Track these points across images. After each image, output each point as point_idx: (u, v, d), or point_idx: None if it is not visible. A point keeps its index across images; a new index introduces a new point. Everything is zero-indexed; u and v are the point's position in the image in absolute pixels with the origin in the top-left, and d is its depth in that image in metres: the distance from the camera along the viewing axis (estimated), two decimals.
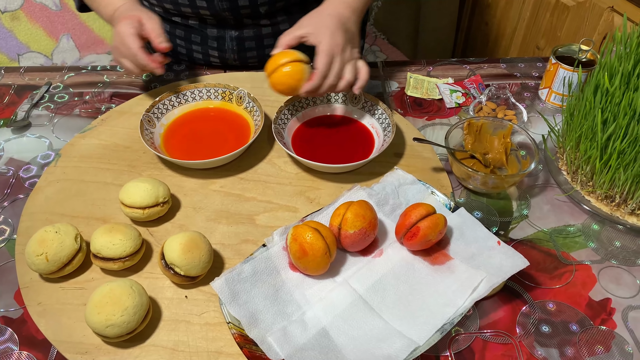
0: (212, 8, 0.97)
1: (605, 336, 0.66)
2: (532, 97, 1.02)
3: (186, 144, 0.88)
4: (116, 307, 0.61)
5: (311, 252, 0.66)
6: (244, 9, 0.97)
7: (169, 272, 0.68)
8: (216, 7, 0.96)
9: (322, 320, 0.66)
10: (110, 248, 0.68)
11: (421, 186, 0.79)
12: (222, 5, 0.96)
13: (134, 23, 0.86)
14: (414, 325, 0.65)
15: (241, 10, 0.98)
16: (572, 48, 0.97)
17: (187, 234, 0.69)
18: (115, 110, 0.97)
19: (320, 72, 0.80)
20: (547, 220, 0.80)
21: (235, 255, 0.74)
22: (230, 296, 0.65)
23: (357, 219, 0.69)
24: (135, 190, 0.74)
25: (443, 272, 0.70)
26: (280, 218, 0.79)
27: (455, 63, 1.10)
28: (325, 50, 0.80)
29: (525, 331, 0.67)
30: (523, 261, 0.68)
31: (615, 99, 0.73)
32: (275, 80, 0.81)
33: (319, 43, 0.80)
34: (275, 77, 0.81)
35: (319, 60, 0.80)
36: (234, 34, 1.03)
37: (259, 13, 1.00)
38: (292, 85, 0.81)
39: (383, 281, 0.70)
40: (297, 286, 0.69)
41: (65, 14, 1.82)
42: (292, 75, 0.80)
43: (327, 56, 0.80)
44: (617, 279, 0.73)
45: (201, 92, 0.93)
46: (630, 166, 0.72)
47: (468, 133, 0.86)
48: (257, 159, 0.88)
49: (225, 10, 0.97)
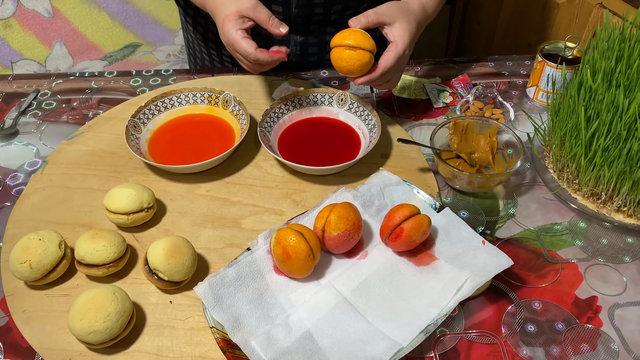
0: (286, 14, 0.98)
1: (591, 334, 0.66)
2: (520, 95, 1.02)
3: (172, 148, 0.88)
4: (98, 313, 0.61)
5: (294, 255, 0.66)
6: (316, 16, 0.99)
7: (152, 278, 0.68)
8: (291, 13, 0.97)
9: (307, 323, 0.65)
10: (94, 254, 0.68)
11: (407, 187, 0.79)
12: (298, 12, 0.97)
13: (238, 23, 0.80)
14: (398, 327, 0.64)
15: (313, 17, 0.99)
16: (559, 45, 0.97)
17: (170, 239, 0.69)
18: (102, 116, 0.97)
19: (381, 70, 0.80)
20: (534, 218, 0.80)
21: (221, 259, 0.74)
22: (214, 301, 0.65)
23: (341, 221, 0.69)
24: (119, 196, 0.74)
25: (428, 272, 0.70)
26: (265, 221, 0.79)
27: (443, 63, 1.10)
28: (397, 54, 0.79)
29: (511, 331, 0.66)
30: (507, 260, 0.67)
31: (598, 96, 0.72)
32: (336, 55, 0.79)
33: (395, 43, 0.80)
34: (336, 52, 0.79)
35: (387, 59, 0.79)
36: (298, 39, 1.04)
37: (328, 21, 1.00)
38: (348, 68, 0.79)
39: (368, 283, 0.69)
40: (282, 289, 0.69)
41: (58, 20, 1.82)
42: (352, 60, 0.78)
43: (395, 59, 0.79)
44: (604, 276, 0.72)
45: (187, 97, 0.93)
46: (614, 163, 0.72)
47: (454, 133, 0.85)
48: (244, 163, 0.87)
49: (298, 17, 0.98)
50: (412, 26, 0.81)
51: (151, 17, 1.90)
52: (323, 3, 0.97)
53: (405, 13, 0.82)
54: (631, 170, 0.70)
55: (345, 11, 1.00)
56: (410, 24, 0.81)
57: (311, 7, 0.97)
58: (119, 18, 1.87)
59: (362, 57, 0.78)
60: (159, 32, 1.93)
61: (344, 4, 0.98)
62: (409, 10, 0.83)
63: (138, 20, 1.89)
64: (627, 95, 0.69)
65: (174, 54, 1.97)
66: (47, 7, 1.79)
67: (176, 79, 1.06)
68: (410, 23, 0.81)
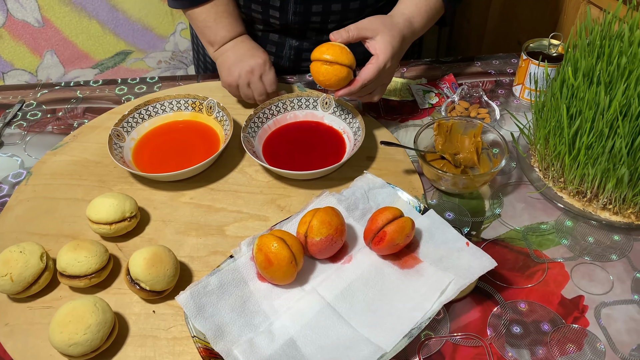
0: (283, 19, 0.98)
1: (577, 335, 0.65)
2: (507, 94, 1.01)
3: (156, 156, 0.87)
4: (79, 325, 0.61)
5: (276, 261, 0.65)
6: (313, 23, 0.99)
7: (134, 288, 0.67)
8: (289, 18, 0.98)
9: (290, 330, 0.65)
10: (75, 265, 0.68)
11: (391, 189, 0.78)
12: (295, 18, 0.97)
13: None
14: (382, 332, 0.64)
15: (311, 24, 0.99)
16: (544, 43, 0.96)
17: (151, 248, 0.68)
18: (87, 125, 0.96)
19: (361, 83, 0.80)
20: (521, 218, 0.79)
21: (204, 267, 0.73)
22: (196, 310, 0.65)
23: (323, 226, 0.68)
24: (101, 206, 0.74)
25: (412, 275, 0.70)
26: (250, 228, 0.78)
27: (429, 63, 1.10)
28: (378, 67, 0.79)
29: (496, 333, 0.66)
30: (491, 262, 0.67)
31: (579, 94, 0.72)
32: (314, 69, 0.80)
33: (377, 55, 0.79)
34: (314, 66, 0.79)
35: (367, 72, 0.79)
36: (294, 43, 1.04)
37: (326, 28, 1.00)
38: (325, 83, 0.79)
39: (352, 287, 0.69)
40: (265, 296, 0.68)
41: (48, 30, 1.82)
42: (329, 74, 0.78)
43: (375, 72, 0.79)
44: (590, 275, 0.72)
45: (171, 104, 0.93)
46: (598, 161, 0.71)
47: (438, 134, 0.85)
48: (228, 169, 0.87)
49: (296, 24, 0.98)
50: (395, 40, 0.80)
51: (141, 24, 1.90)
52: (320, 12, 0.97)
53: (389, 26, 0.81)
54: (614, 167, 0.70)
55: (344, 20, 0.99)
56: (394, 38, 0.80)
57: (308, 15, 0.97)
58: (109, 26, 1.87)
59: (340, 72, 0.77)
60: (149, 39, 1.93)
61: (342, 14, 0.98)
62: (392, 24, 0.82)
63: (128, 27, 1.89)
64: (608, 92, 0.69)
65: (165, 61, 1.97)
66: (37, 17, 1.79)
67: (161, 86, 1.06)
68: (393, 37, 0.80)
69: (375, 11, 1.01)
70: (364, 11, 0.98)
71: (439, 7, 0.87)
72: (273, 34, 1.04)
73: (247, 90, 0.92)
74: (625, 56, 0.68)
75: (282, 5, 0.95)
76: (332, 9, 0.96)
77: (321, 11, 0.96)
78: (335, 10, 0.96)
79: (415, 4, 0.85)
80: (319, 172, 0.80)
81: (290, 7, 0.95)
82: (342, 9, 0.96)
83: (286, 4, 0.95)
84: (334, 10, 0.96)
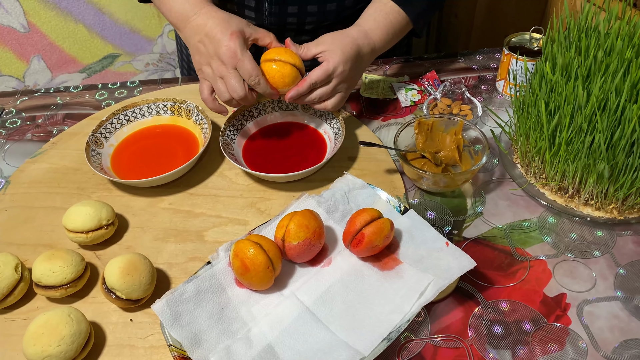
0: (259, 19, 0.96)
1: (558, 333, 0.65)
2: (490, 89, 1.00)
3: (135, 162, 0.86)
4: (52, 337, 0.60)
5: (252, 267, 0.65)
6: (290, 25, 0.97)
7: (110, 297, 0.67)
8: (264, 19, 0.96)
9: (268, 336, 0.64)
10: (51, 276, 0.67)
11: (371, 190, 0.78)
12: (271, 19, 0.96)
13: (244, 43, 0.78)
14: (361, 335, 0.63)
15: (287, 26, 0.98)
16: (525, 37, 0.95)
17: (126, 256, 0.67)
18: (66, 132, 0.95)
19: (309, 82, 0.78)
20: (503, 216, 0.78)
21: (182, 274, 0.73)
22: (172, 318, 0.64)
23: (301, 229, 0.67)
24: (76, 214, 0.73)
25: (392, 277, 0.69)
26: (229, 232, 0.77)
27: (412, 60, 1.09)
28: (327, 69, 0.78)
29: (478, 333, 0.65)
30: (470, 262, 0.66)
31: (558, 88, 0.71)
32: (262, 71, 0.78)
33: (327, 60, 0.78)
34: (263, 66, 0.78)
35: (316, 72, 0.78)
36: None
37: (303, 30, 0.99)
38: (272, 81, 0.78)
39: (331, 291, 0.68)
40: (244, 302, 0.68)
41: (34, 35, 1.81)
42: (273, 72, 0.77)
43: (324, 74, 0.78)
44: (573, 272, 0.71)
45: (150, 108, 0.92)
46: (578, 156, 0.70)
47: (419, 132, 0.84)
48: (208, 173, 0.86)
49: (272, 24, 0.97)
50: (346, 46, 0.79)
51: (129, 27, 1.88)
52: (296, 13, 0.96)
53: (339, 37, 0.81)
54: (595, 163, 0.69)
55: (322, 22, 0.98)
56: (345, 45, 0.79)
57: (284, 16, 0.96)
58: (95, 29, 1.86)
59: (283, 68, 0.77)
60: (136, 41, 1.91)
61: (319, 15, 0.96)
62: (344, 34, 0.82)
63: (115, 30, 1.88)
64: (586, 87, 0.68)
65: (153, 63, 1.96)
66: (23, 22, 1.78)
67: (142, 90, 1.05)
68: (344, 45, 0.79)
69: (354, 14, 1.00)
70: (342, 13, 0.97)
71: (402, 23, 0.86)
72: None
73: (221, 86, 0.79)
74: (602, 49, 0.67)
75: (257, 5, 0.94)
76: (309, 10, 0.95)
77: (297, 12, 0.95)
78: (311, 12, 0.95)
79: (374, 18, 0.85)
80: (298, 174, 0.79)
81: (266, 7, 0.94)
82: (319, 10, 0.95)
83: (261, 5, 0.94)
84: (310, 12, 0.95)
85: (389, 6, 0.85)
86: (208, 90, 0.80)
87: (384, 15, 0.85)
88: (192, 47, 0.81)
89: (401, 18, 0.86)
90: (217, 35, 0.77)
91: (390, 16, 0.85)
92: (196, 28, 0.79)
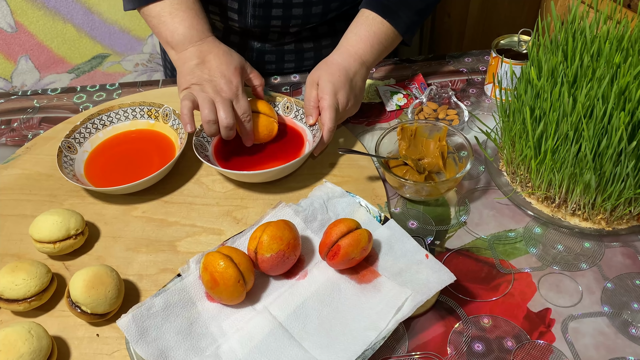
0: (242, 22, 0.95)
1: (542, 351, 0.62)
2: (478, 93, 0.97)
3: (109, 168, 0.84)
4: (10, 355, 0.57)
5: (222, 281, 0.62)
6: (274, 27, 0.96)
7: (75, 311, 0.64)
8: (247, 22, 0.94)
9: (238, 353, 0.61)
10: (13, 289, 0.64)
11: (351, 198, 0.75)
12: (254, 22, 0.94)
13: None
14: (335, 353, 0.60)
15: (271, 28, 0.96)
16: (514, 39, 0.92)
17: (92, 269, 0.65)
18: (41, 136, 0.93)
19: (327, 129, 0.80)
20: (488, 226, 0.75)
21: (153, 286, 0.70)
22: (138, 334, 0.61)
23: (274, 241, 0.65)
24: (43, 223, 0.70)
25: (369, 291, 0.66)
26: (203, 242, 0.74)
27: (399, 63, 1.06)
28: (330, 106, 0.79)
29: (457, 351, 0.62)
30: (449, 276, 0.63)
31: (543, 94, 0.68)
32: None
33: (322, 99, 0.80)
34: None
35: (325, 116, 0.80)
36: (256, 45, 1.01)
37: (287, 32, 0.98)
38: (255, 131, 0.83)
39: (306, 306, 0.65)
40: (214, 317, 0.65)
41: (22, 35, 1.78)
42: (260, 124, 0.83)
43: (333, 112, 0.80)
44: (559, 286, 0.68)
45: (126, 112, 0.89)
46: (564, 165, 0.67)
47: (402, 138, 0.81)
48: (184, 179, 0.83)
49: (256, 27, 0.95)
50: (334, 77, 0.81)
51: (118, 26, 1.86)
52: (281, 16, 0.93)
53: (324, 67, 0.83)
54: (581, 172, 0.66)
55: (306, 25, 0.96)
56: (333, 75, 0.81)
57: (268, 19, 0.94)
58: (84, 29, 1.83)
59: (264, 120, 0.83)
60: (126, 41, 1.89)
61: (304, 18, 0.94)
62: (328, 63, 0.84)
63: (105, 30, 1.85)
64: (572, 93, 0.65)
65: (142, 63, 1.93)
66: (10, 22, 1.75)
67: (121, 93, 1.02)
68: (332, 74, 0.81)
69: (339, 16, 0.97)
70: (327, 15, 0.95)
71: (390, 35, 0.86)
72: (234, 36, 1.00)
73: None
74: (588, 54, 0.64)
75: (240, 8, 0.92)
76: (293, 14, 0.92)
77: (281, 15, 0.92)
78: (296, 15, 0.92)
79: (355, 33, 0.85)
80: (274, 170, 0.76)
81: (249, 10, 0.91)
82: (304, 13, 0.92)
83: (244, 8, 0.91)
84: (295, 15, 0.92)
85: (371, 18, 0.85)
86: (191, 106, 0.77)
87: (366, 27, 0.85)
88: (187, 68, 0.82)
89: (385, 28, 0.85)
90: (221, 66, 0.81)
91: (374, 27, 0.85)
92: (198, 52, 0.82)
